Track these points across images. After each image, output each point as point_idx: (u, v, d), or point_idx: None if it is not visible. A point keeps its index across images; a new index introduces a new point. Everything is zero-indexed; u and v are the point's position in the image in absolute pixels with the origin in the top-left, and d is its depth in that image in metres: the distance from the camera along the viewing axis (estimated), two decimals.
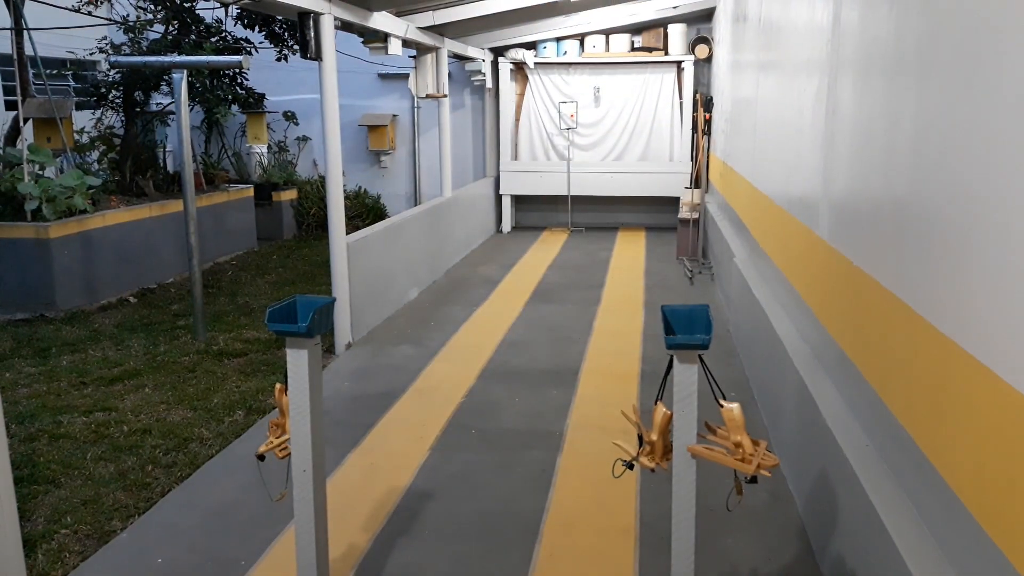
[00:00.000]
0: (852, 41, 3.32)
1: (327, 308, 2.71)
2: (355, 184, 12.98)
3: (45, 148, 8.16)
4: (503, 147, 12.25)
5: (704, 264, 9.79)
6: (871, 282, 2.88)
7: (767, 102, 5.81)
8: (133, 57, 9.10)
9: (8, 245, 7.42)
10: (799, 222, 4.28)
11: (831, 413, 3.25)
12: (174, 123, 11.46)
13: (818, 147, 3.88)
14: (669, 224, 12.04)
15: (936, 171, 2.29)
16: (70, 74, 11.97)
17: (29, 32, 8.10)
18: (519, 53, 11.75)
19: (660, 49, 11.63)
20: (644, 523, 3.67)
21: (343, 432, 4.73)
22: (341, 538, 3.53)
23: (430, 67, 8.91)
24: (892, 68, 2.75)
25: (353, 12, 6.49)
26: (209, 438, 4.70)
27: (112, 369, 6.00)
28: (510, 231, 12.63)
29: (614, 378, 5.71)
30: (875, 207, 2.90)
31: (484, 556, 3.43)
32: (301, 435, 2.69)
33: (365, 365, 6.06)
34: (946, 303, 2.19)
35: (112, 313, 7.67)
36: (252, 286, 8.87)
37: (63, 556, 3.46)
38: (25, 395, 5.46)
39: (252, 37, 10.38)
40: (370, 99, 13.15)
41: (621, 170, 12.00)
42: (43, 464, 4.37)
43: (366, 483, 4.11)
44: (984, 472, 1.93)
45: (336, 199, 6.39)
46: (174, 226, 8.92)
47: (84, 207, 7.83)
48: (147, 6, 9.77)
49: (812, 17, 4.18)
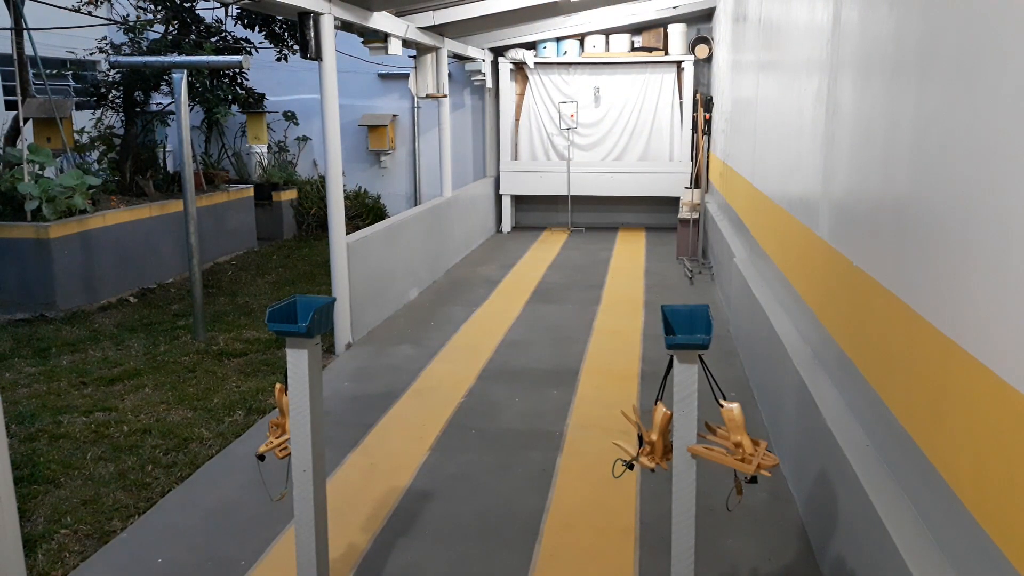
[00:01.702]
0: (852, 41, 3.32)
1: (327, 308, 2.71)
2: (355, 184, 12.99)
3: (45, 148, 8.16)
4: (503, 147, 12.25)
5: (704, 264, 9.79)
6: (871, 282, 2.88)
7: (767, 102, 5.81)
8: (133, 57, 9.09)
9: (8, 245, 7.42)
10: (799, 222, 4.28)
11: (831, 413, 3.25)
12: (174, 123, 11.46)
13: (818, 147, 3.88)
14: (669, 224, 12.04)
15: (936, 171, 2.29)
16: (70, 74, 11.97)
17: (29, 32, 8.09)
18: (519, 53, 11.76)
19: (660, 49, 11.63)
20: (644, 523, 3.67)
21: (343, 432, 4.73)
22: (341, 538, 3.53)
23: (430, 67, 8.91)
24: (892, 68, 2.75)
25: (353, 12, 6.49)
26: (209, 438, 4.70)
27: (112, 369, 6.00)
28: (510, 231, 12.63)
29: (614, 378, 5.71)
30: (875, 207, 2.90)
31: (484, 556, 3.43)
32: (301, 435, 2.69)
33: (365, 365, 6.06)
34: (946, 303, 2.19)
35: (112, 313, 7.67)
36: (252, 286, 8.86)
37: (63, 556, 3.46)
38: (25, 395, 5.46)
39: (252, 37, 10.39)
40: (370, 99, 13.15)
41: (621, 170, 12.00)
42: (43, 464, 4.37)
43: (366, 483, 4.11)
44: (984, 472, 1.93)
45: (336, 199, 6.39)
46: (174, 226, 8.93)
47: (84, 207, 7.83)
48: (147, 6, 9.76)
49: (812, 17, 4.18)
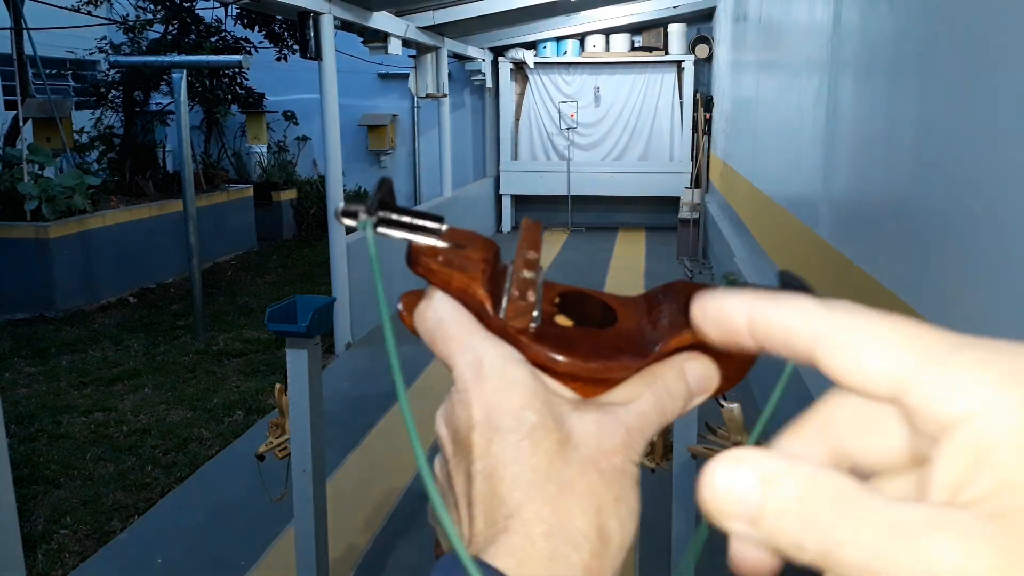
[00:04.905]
0: (852, 41, 3.32)
1: (327, 308, 2.71)
2: (355, 184, 12.98)
3: (45, 148, 8.15)
4: (503, 147, 12.24)
5: (704, 264, 9.79)
6: (872, 282, 2.88)
7: (767, 102, 5.81)
8: (133, 57, 9.10)
9: (8, 245, 7.41)
10: (799, 222, 4.28)
11: None
12: (174, 123, 11.45)
13: (818, 147, 3.88)
14: (669, 224, 12.03)
15: (936, 171, 2.29)
16: (70, 74, 11.97)
17: (29, 32, 8.09)
18: (519, 53, 11.75)
19: (660, 49, 11.62)
20: (644, 523, 3.65)
21: (343, 432, 4.72)
22: (341, 538, 3.53)
23: (430, 67, 8.91)
24: (892, 68, 2.75)
25: (353, 12, 6.48)
26: (209, 438, 4.70)
27: (112, 369, 5.99)
28: (510, 231, 12.63)
29: None
30: (875, 207, 2.90)
31: None
32: (301, 435, 2.68)
33: (365, 365, 6.06)
34: (946, 303, 2.19)
35: (112, 313, 7.67)
36: (252, 286, 8.86)
37: (63, 556, 3.46)
38: (25, 395, 5.46)
39: (252, 37, 10.38)
40: (370, 99, 13.14)
41: (621, 170, 12.00)
42: (43, 464, 4.37)
43: (366, 483, 4.11)
44: None
45: (336, 199, 6.39)
46: (174, 226, 8.91)
47: (84, 207, 7.83)
48: (147, 6, 9.77)
49: (812, 17, 4.18)
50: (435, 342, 0.38)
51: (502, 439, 0.33)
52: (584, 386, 0.37)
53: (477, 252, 0.38)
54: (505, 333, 0.36)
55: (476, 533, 0.33)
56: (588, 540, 0.32)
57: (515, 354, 0.36)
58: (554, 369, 0.36)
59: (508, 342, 0.36)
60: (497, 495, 0.33)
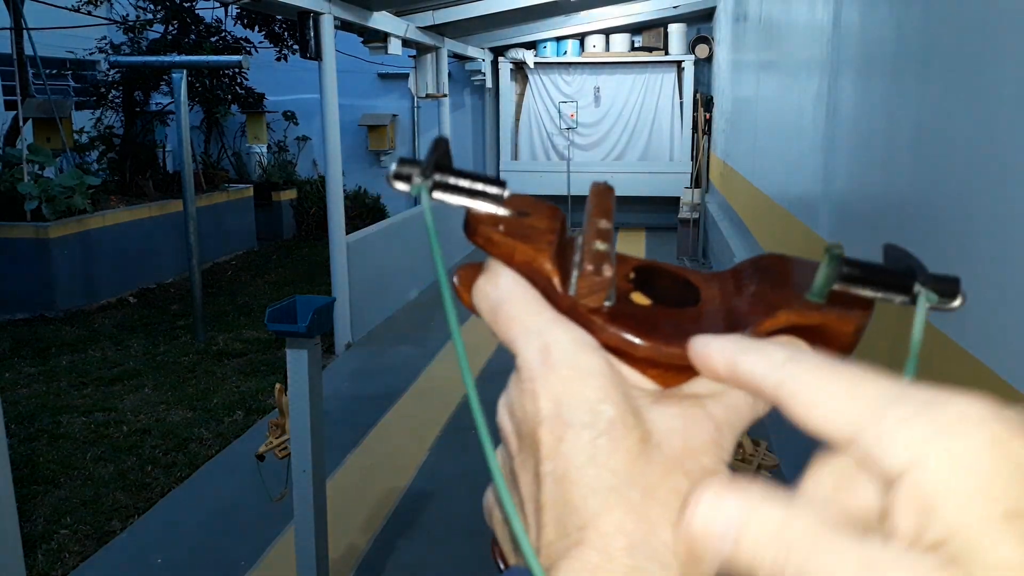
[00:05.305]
0: (852, 41, 3.32)
1: (327, 308, 2.71)
2: (355, 184, 12.97)
3: (45, 148, 8.15)
4: (503, 147, 12.25)
5: (704, 264, 9.79)
6: None
7: (768, 102, 5.81)
8: (133, 57, 9.10)
9: (8, 245, 7.41)
10: (799, 222, 4.28)
11: None
12: (174, 123, 11.45)
13: (818, 147, 3.88)
14: (669, 224, 12.03)
15: (936, 171, 2.29)
16: (70, 74, 11.97)
17: (29, 32, 8.09)
18: (519, 53, 11.75)
19: (660, 49, 11.63)
20: None
21: (343, 432, 4.72)
22: (341, 538, 3.52)
23: (430, 67, 8.91)
24: (892, 68, 2.75)
25: (353, 12, 6.48)
26: (209, 438, 4.70)
27: (112, 369, 5.99)
28: None
29: None
30: (875, 206, 2.90)
31: (484, 556, 3.42)
32: (301, 435, 2.68)
33: (365, 365, 6.06)
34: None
35: (112, 313, 7.67)
36: (252, 286, 8.86)
37: (63, 556, 3.46)
38: (25, 395, 5.46)
39: (252, 37, 10.38)
40: (370, 99, 13.14)
41: (621, 170, 12.00)
42: (43, 464, 4.37)
43: (366, 483, 4.11)
44: None
45: (336, 199, 6.39)
46: (174, 226, 8.91)
47: (84, 207, 7.83)
48: (147, 6, 9.77)
49: (812, 17, 4.18)
50: (496, 322, 0.34)
51: (575, 436, 0.29)
52: (664, 374, 0.32)
53: (543, 221, 0.34)
54: (575, 313, 0.32)
55: (547, 543, 0.29)
56: (677, 557, 0.28)
57: (588, 339, 0.32)
58: (631, 354, 0.32)
59: (578, 323, 0.32)
60: (569, 502, 0.29)
